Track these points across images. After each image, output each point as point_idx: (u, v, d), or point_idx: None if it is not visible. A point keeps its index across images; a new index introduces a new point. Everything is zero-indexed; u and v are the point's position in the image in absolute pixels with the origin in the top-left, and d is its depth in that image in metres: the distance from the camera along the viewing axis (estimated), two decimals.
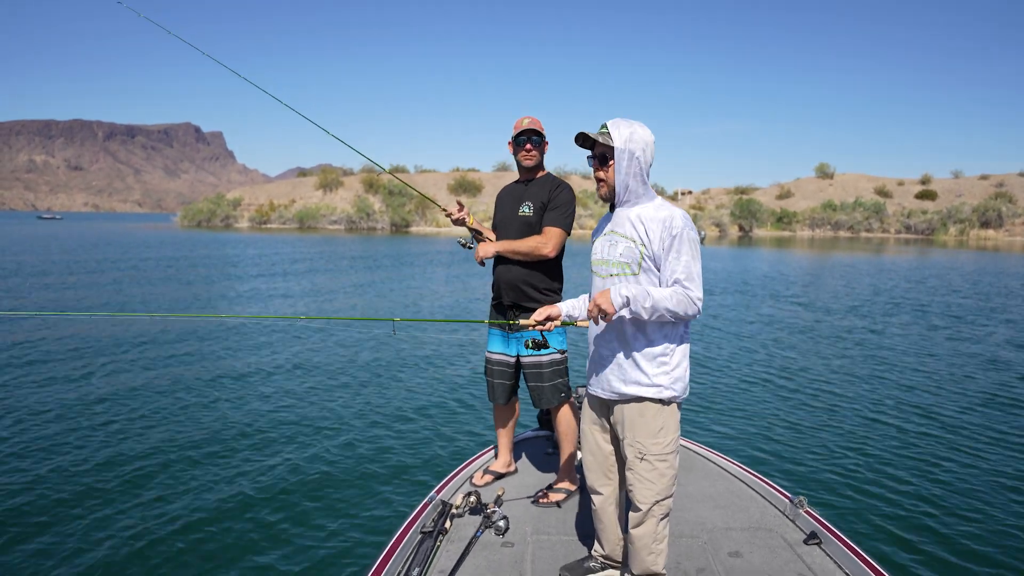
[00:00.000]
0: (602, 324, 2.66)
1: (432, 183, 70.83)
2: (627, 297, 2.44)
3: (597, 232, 2.79)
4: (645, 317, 2.47)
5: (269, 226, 64.02)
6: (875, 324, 13.22)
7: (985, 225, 66.17)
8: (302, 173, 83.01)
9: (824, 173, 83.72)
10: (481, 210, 61.06)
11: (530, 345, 2.76)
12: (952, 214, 68.03)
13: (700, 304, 2.50)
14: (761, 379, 8.59)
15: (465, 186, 68.54)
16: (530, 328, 2.70)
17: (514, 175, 3.76)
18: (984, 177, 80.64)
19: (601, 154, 2.62)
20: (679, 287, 2.47)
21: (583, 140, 2.66)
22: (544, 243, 3.46)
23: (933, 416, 7.02)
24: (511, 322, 2.97)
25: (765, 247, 45.38)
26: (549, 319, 2.67)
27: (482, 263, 3.57)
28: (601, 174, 2.64)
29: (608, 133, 2.57)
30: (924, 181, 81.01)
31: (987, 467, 5.63)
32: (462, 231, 4.05)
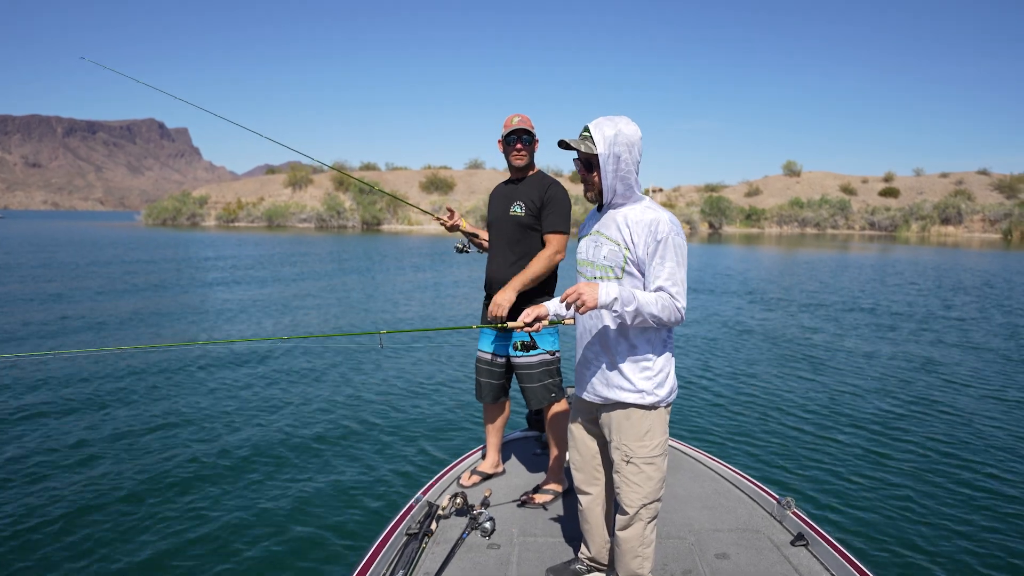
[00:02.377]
0: (588, 328, 2.64)
1: (404, 180, 70.28)
2: (615, 298, 2.36)
3: (583, 230, 2.74)
4: (628, 321, 2.40)
5: (237, 224, 62.91)
6: (858, 324, 13.31)
7: (945, 222, 67.79)
8: (271, 170, 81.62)
9: (791, 171, 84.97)
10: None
11: (519, 347, 2.72)
12: (914, 211, 69.58)
13: (683, 312, 2.45)
14: (749, 379, 8.61)
15: (437, 183, 68.05)
16: (519, 329, 2.66)
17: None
18: (944, 175, 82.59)
19: (586, 159, 2.54)
20: (664, 293, 2.42)
21: (567, 145, 2.56)
22: (552, 254, 3.46)
23: (920, 418, 7.07)
24: (499, 325, 2.93)
25: (735, 244, 45.94)
26: (538, 319, 2.63)
27: (501, 320, 3.38)
28: (588, 179, 2.57)
29: (590, 137, 2.48)
30: (887, 179, 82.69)
31: (973, 469, 5.68)
32: (442, 229, 4.03)
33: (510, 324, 2.76)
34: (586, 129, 2.51)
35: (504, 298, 3.35)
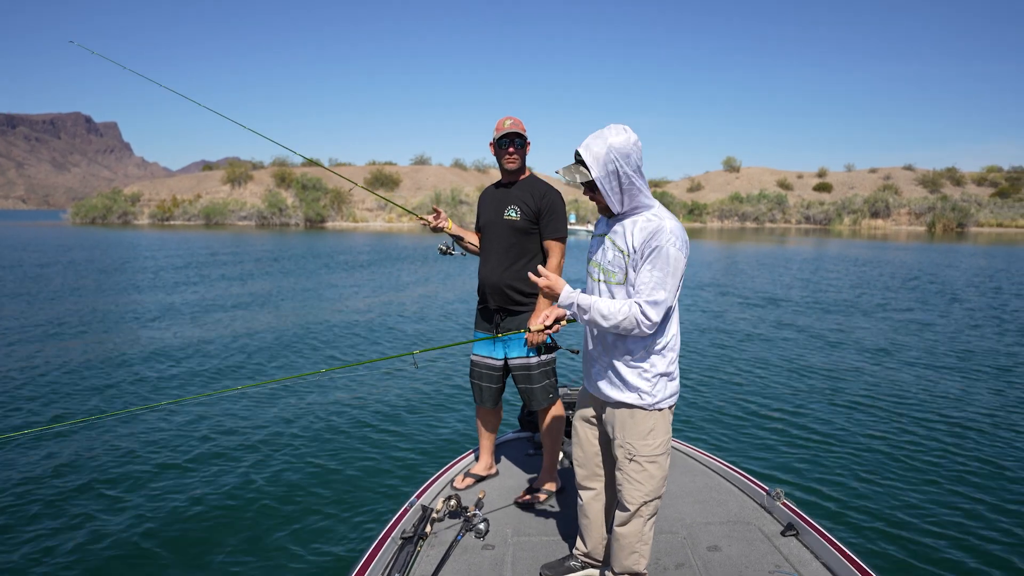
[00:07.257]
0: (595, 328, 2.61)
1: (348, 177, 69.16)
2: (572, 302, 2.47)
3: (596, 229, 2.72)
4: (582, 323, 2.51)
5: (172, 223, 60.72)
6: (842, 315, 13.49)
7: (875, 215, 70.99)
8: (207, 167, 79.03)
9: (731, 167, 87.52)
10: (398, 204, 59.81)
11: (542, 349, 2.67)
12: (846, 205, 72.60)
13: (648, 327, 2.40)
14: (735, 373, 8.68)
15: (382, 180, 67.26)
16: (541, 331, 2.61)
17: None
18: (873, 170, 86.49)
19: (588, 182, 2.50)
20: (634, 305, 2.40)
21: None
22: (560, 262, 3.48)
23: (907, 407, 7.19)
24: (523, 330, 2.89)
25: None
26: (557, 320, 2.60)
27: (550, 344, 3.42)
28: (595, 199, 2.55)
29: (583, 162, 2.44)
30: (821, 174, 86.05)
31: (960, 457, 5.79)
32: (418, 227, 3.95)
33: (532, 327, 2.72)
34: (577, 154, 2.46)
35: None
